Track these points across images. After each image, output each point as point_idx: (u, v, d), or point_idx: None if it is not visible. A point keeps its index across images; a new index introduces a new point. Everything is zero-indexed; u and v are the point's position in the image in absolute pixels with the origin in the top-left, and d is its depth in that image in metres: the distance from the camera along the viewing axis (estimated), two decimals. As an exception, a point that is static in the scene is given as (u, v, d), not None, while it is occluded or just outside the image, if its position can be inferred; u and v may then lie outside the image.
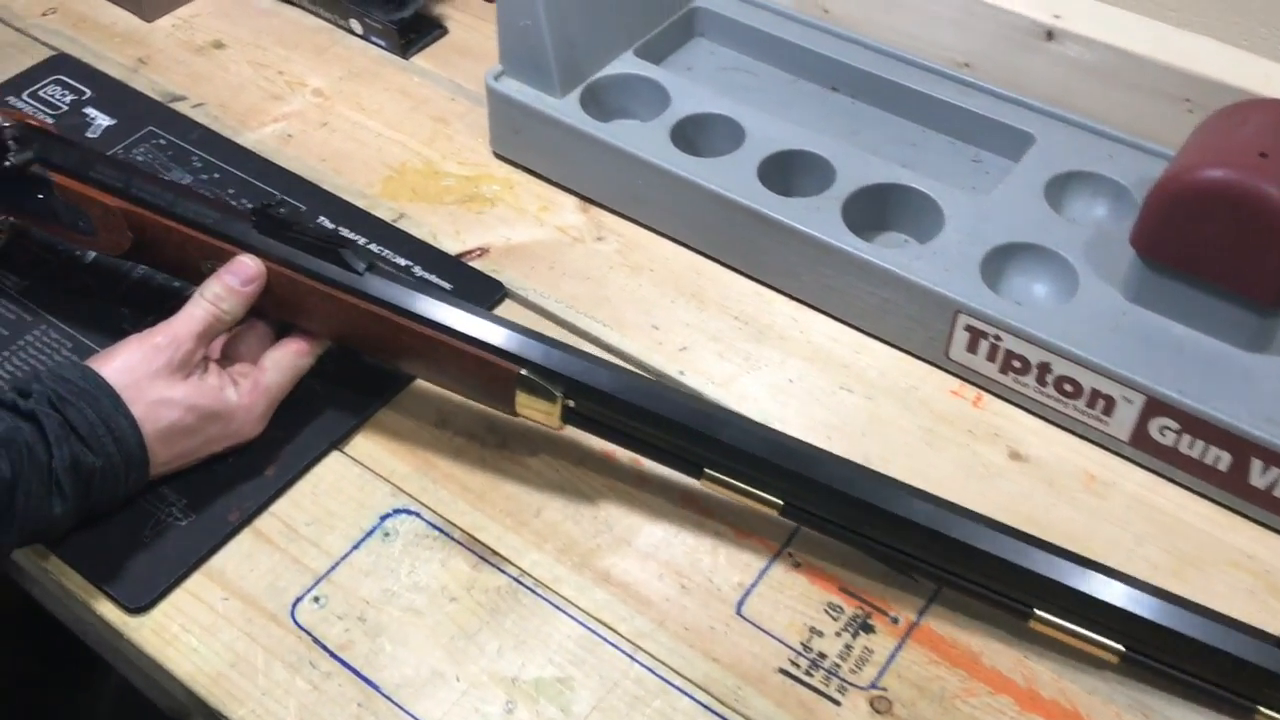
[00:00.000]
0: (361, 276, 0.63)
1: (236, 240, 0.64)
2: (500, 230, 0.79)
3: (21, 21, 0.96)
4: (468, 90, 0.89)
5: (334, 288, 0.63)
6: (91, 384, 0.58)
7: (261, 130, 0.86)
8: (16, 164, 0.66)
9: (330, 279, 0.63)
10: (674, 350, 0.71)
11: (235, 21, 0.95)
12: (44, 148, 0.67)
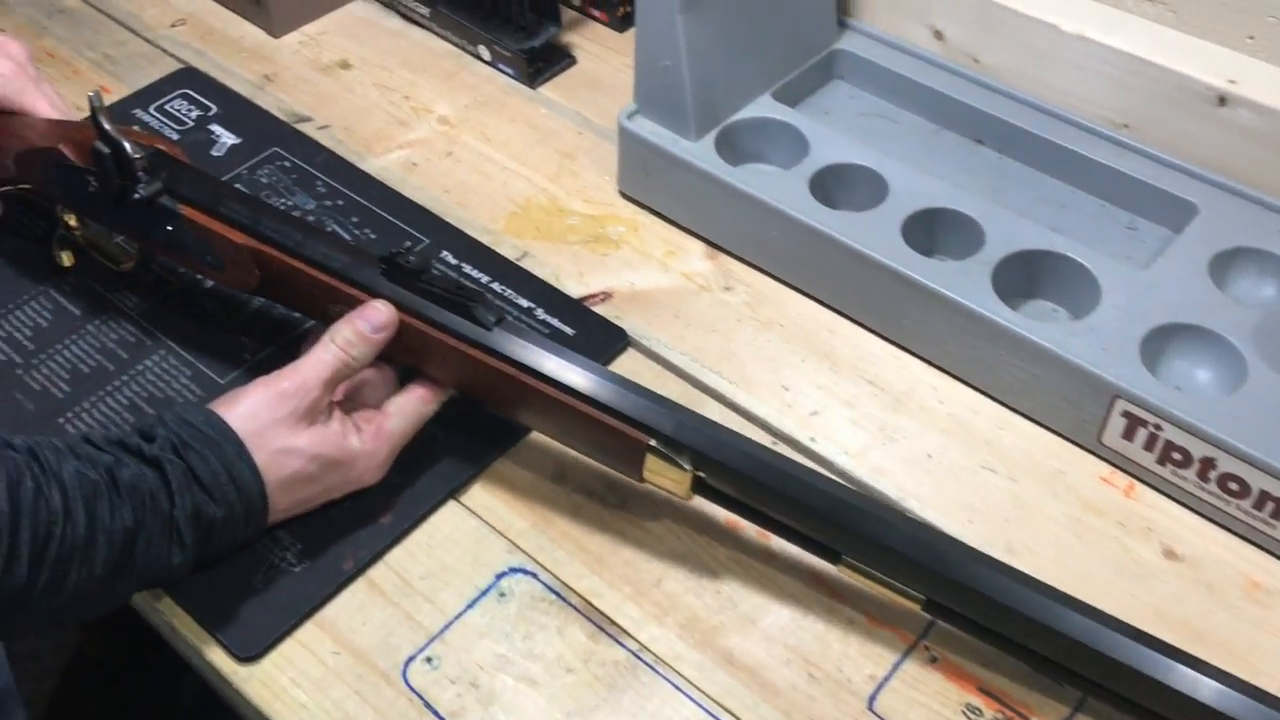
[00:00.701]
0: (490, 332, 0.61)
1: (364, 286, 0.62)
2: (624, 274, 0.76)
3: (151, 33, 0.96)
4: (595, 124, 0.87)
5: (461, 341, 0.61)
6: (216, 430, 0.56)
7: (386, 157, 0.84)
8: (146, 195, 0.65)
9: (458, 332, 0.61)
10: (805, 414, 0.68)
11: (362, 41, 0.94)
12: (173, 178, 0.66)
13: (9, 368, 0.70)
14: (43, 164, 0.69)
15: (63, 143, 0.68)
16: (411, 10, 0.95)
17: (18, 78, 0.71)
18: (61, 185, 0.69)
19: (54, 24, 0.97)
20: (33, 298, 0.74)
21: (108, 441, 0.55)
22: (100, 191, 0.67)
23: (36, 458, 0.52)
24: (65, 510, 0.51)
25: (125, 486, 0.53)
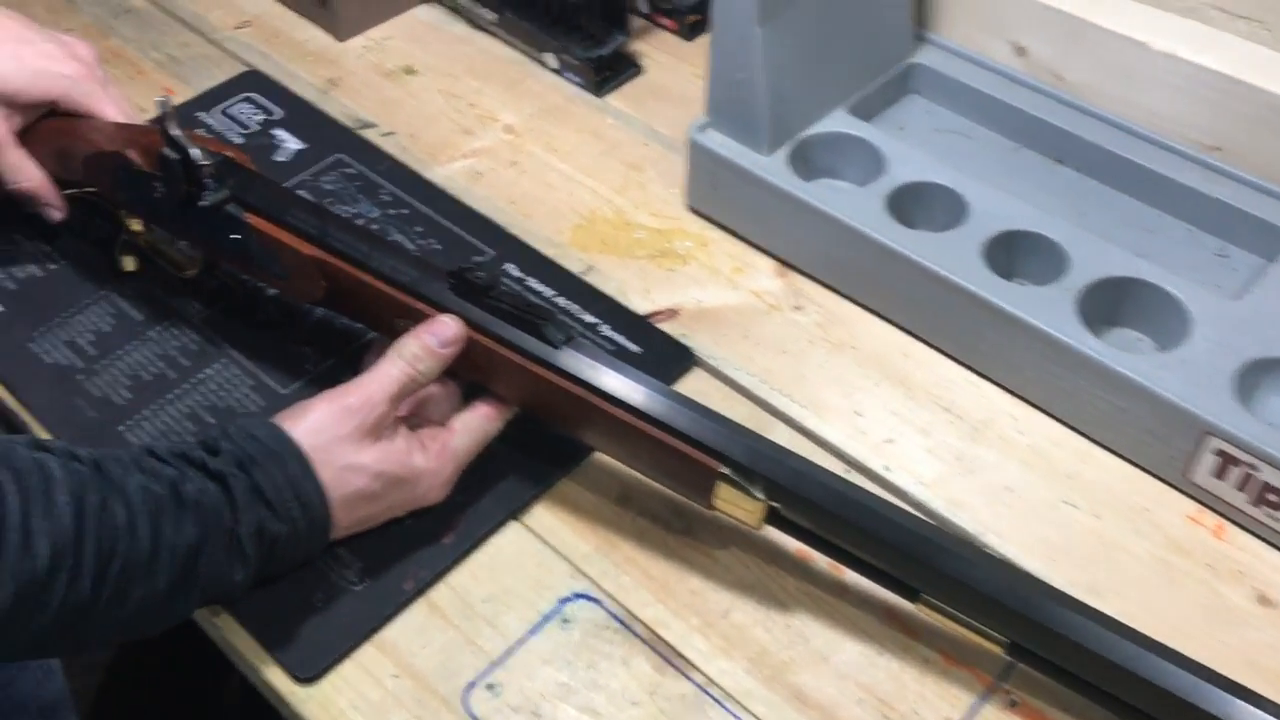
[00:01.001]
0: (558, 350, 0.59)
1: (432, 301, 0.61)
2: (691, 291, 0.74)
3: (216, 34, 0.95)
4: (662, 135, 0.85)
5: (529, 360, 0.59)
6: (281, 446, 0.55)
7: (451, 166, 0.83)
8: (212, 203, 0.64)
9: (526, 350, 0.59)
10: (878, 441, 0.66)
11: (427, 47, 0.93)
12: (241, 185, 0.65)
13: (70, 373, 0.69)
14: (109, 168, 0.68)
15: (130, 147, 0.67)
16: (478, 16, 0.94)
17: (86, 80, 0.71)
18: (128, 190, 0.68)
19: (120, 24, 0.96)
20: (94, 302, 0.73)
21: (172, 454, 0.54)
22: (166, 198, 0.66)
23: (102, 471, 0.51)
24: (130, 525, 0.50)
25: (189, 501, 0.52)
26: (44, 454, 0.50)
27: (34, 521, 0.47)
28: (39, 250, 0.77)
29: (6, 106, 0.69)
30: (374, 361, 0.65)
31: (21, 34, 0.70)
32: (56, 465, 0.49)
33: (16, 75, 0.69)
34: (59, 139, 0.71)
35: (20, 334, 0.72)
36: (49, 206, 0.72)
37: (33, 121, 0.71)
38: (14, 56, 0.69)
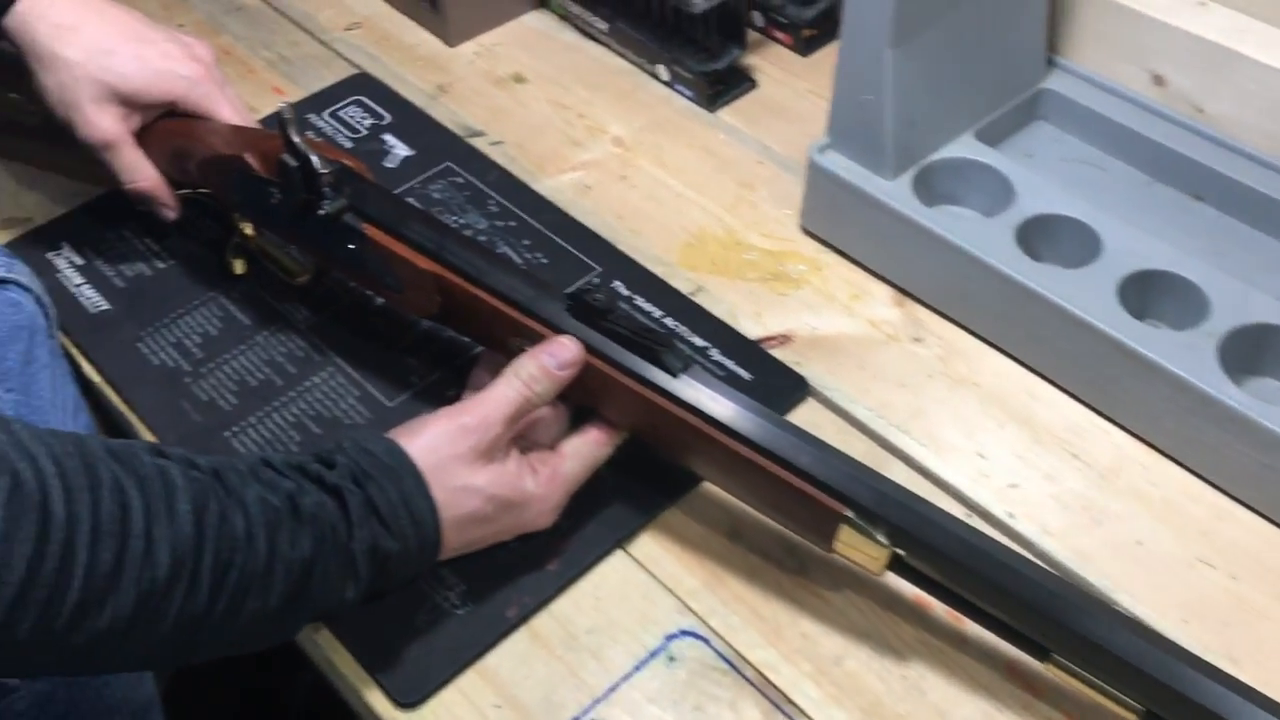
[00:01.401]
0: (676, 378, 0.57)
1: (548, 321, 0.59)
2: (805, 316, 0.72)
3: (326, 35, 0.95)
4: (775, 153, 0.83)
5: (646, 387, 0.57)
6: (397, 461, 0.54)
7: (559, 178, 0.82)
8: (330, 212, 0.63)
9: (643, 377, 0.57)
10: (1002, 486, 0.63)
11: (538, 54, 0.92)
12: (358, 195, 0.64)
13: (177, 375, 0.69)
14: (226, 171, 0.68)
15: (248, 151, 0.67)
16: (589, 25, 0.92)
17: (205, 82, 0.71)
18: (243, 194, 0.68)
19: (232, 21, 0.97)
20: (203, 304, 0.73)
21: (288, 466, 0.53)
22: (283, 204, 0.65)
23: (221, 480, 0.50)
24: (248, 536, 0.49)
25: (306, 515, 0.51)
26: (165, 460, 0.49)
27: (156, 529, 0.47)
28: (149, 248, 0.77)
29: (126, 106, 0.69)
30: (482, 376, 0.65)
31: (143, 33, 0.70)
32: (178, 473, 0.49)
33: (138, 75, 0.68)
34: (175, 139, 0.71)
35: (128, 333, 0.72)
36: (163, 206, 0.72)
37: (150, 121, 0.71)
38: (136, 56, 0.69)
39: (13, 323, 0.68)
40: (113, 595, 0.45)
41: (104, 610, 0.45)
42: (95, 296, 0.74)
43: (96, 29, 0.68)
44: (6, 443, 0.44)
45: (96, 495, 0.45)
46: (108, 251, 0.76)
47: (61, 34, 0.67)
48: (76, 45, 0.67)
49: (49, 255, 0.76)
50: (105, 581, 0.45)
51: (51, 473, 0.44)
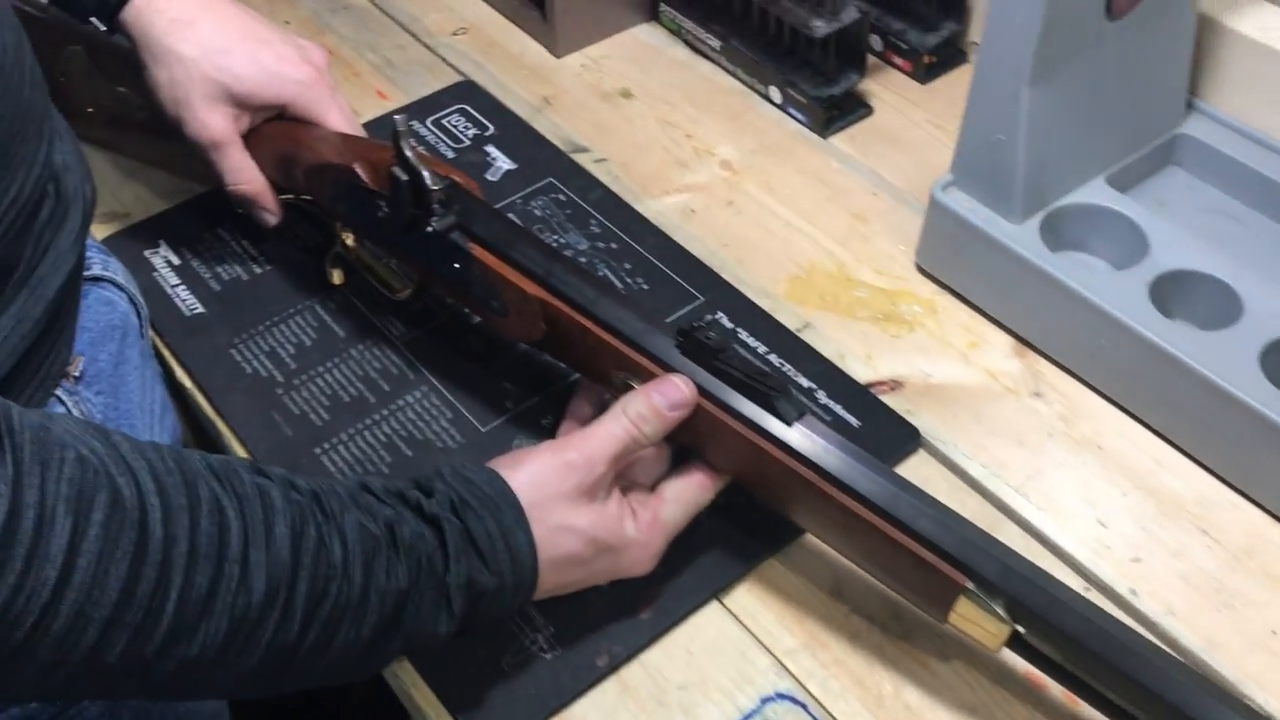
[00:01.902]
0: (790, 427, 0.54)
1: (657, 358, 0.57)
2: (918, 361, 0.69)
3: (432, 39, 0.93)
4: (890, 185, 0.80)
5: (756, 433, 0.55)
6: (498, 493, 0.52)
7: (664, 200, 0.79)
8: (439, 229, 0.61)
9: (753, 423, 0.55)
10: (1124, 559, 0.59)
11: (646, 69, 0.90)
12: (466, 214, 0.62)
13: (270, 386, 0.68)
14: (333, 181, 0.66)
15: (357, 162, 0.65)
16: (700, 41, 0.89)
17: (317, 87, 0.69)
18: (349, 205, 0.66)
19: (337, 21, 0.95)
20: (298, 312, 0.72)
21: (386, 492, 0.51)
22: (390, 218, 0.64)
23: (321, 504, 0.48)
24: (344, 565, 0.47)
25: (404, 545, 0.49)
26: (265, 480, 0.48)
27: (253, 553, 0.45)
28: (246, 251, 0.75)
29: (237, 106, 0.68)
30: (581, 407, 0.62)
31: (259, 33, 0.69)
32: (278, 494, 0.47)
33: (252, 76, 0.67)
34: (283, 144, 0.69)
35: (222, 339, 0.70)
36: (265, 211, 0.71)
37: (259, 123, 0.70)
38: (251, 57, 0.67)
39: (106, 322, 0.67)
40: (205, 621, 0.44)
41: (196, 637, 0.44)
42: (190, 298, 0.73)
43: (213, 26, 0.67)
44: (107, 456, 0.43)
45: (195, 515, 0.44)
46: (205, 252, 0.75)
47: (178, 29, 0.66)
48: (192, 41, 0.66)
49: (146, 253, 0.76)
50: (199, 607, 0.43)
51: (151, 490, 0.43)
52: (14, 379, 0.55)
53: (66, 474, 0.40)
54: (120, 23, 0.67)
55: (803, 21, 0.79)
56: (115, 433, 0.44)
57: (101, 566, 0.41)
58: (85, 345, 0.64)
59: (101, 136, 0.82)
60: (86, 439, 0.42)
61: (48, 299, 0.57)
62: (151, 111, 0.71)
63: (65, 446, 0.41)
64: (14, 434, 0.40)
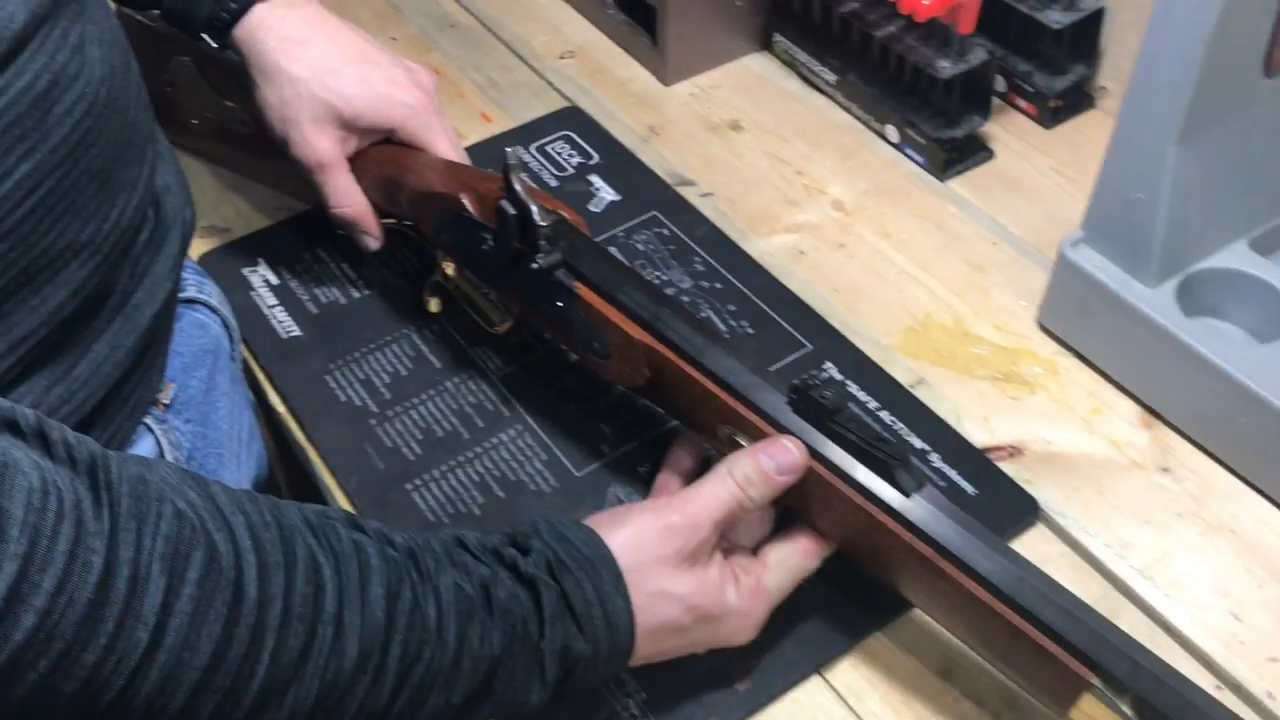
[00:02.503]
0: (909, 499, 0.51)
1: (766, 415, 0.54)
2: (1038, 427, 0.65)
3: (539, 62, 0.92)
4: (1012, 235, 0.76)
5: (871, 503, 0.52)
6: (596, 554, 0.50)
7: (771, 240, 0.76)
8: (544, 266, 0.59)
9: (869, 492, 0.52)
10: (1260, 659, 0.55)
11: (757, 101, 0.87)
12: (572, 251, 0.60)
13: (363, 416, 0.66)
14: (438, 209, 0.65)
15: (464, 192, 0.63)
16: (815, 75, 0.87)
17: (425, 111, 0.68)
18: (453, 234, 0.65)
19: (444, 39, 0.94)
20: (395, 340, 0.70)
21: (482, 548, 0.49)
22: (494, 251, 0.62)
23: (417, 563, 0.46)
24: (438, 628, 0.45)
25: (499, 608, 0.47)
26: (362, 536, 0.46)
27: (348, 615, 0.43)
28: (345, 274, 0.74)
29: (344, 129, 0.67)
30: (681, 458, 0.60)
31: (370, 54, 0.68)
32: (374, 551, 0.45)
33: (360, 98, 0.66)
34: (388, 168, 0.68)
35: (317, 364, 0.69)
36: (366, 235, 0.69)
37: (365, 146, 0.69)
38: (361, 79, 0.66)
39: (198, 346, 0.67)
40: (295, 685, 0.42)
41: (284, 701, 0.42)
42: (287, 320, 0.72)
43: (324, 46, 0.66)
44: (204, 509, 0.41)
45: (291, 574, 0.42)
46: (303, 273, 0.74)
47: (289, 48, 0.65)
48: (303, 61, 0.65)
49: (244, 271, 0.75)
50: (290, 670, 0.42)
51: (248, 546, 0.41)
52: (104, 408, 0.54)
53: (163, 530, 0.39)
54: (232, 40, 0.66)
55: (928, 61, 0.76)
56: (213, 483, 0.43)
57: (194, 628, 0.39)
58: (176, 371, 0.63)
59: (204, 149, 0.82)
60: (184, 490, 0.41)
61: (142, 326, 0.56)
62: (257, 127, 0.70)
63: (163, 500, 0.39)
64: (112, 486, 0.38)
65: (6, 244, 0.46)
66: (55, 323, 0.50)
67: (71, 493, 0.37)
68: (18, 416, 0.38)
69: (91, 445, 0.39)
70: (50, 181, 0.48)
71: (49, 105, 0.47)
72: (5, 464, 0.36)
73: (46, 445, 0.38)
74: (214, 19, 0.65)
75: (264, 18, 0.66)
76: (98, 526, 0.37)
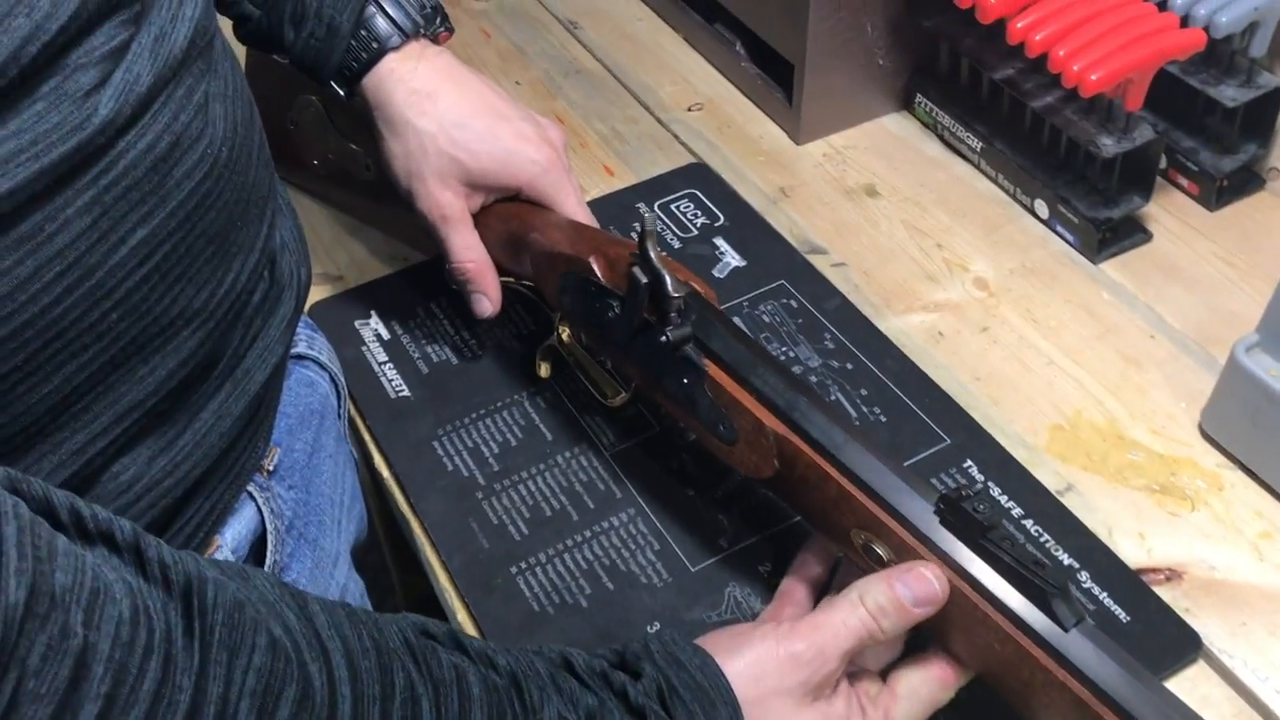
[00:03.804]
0: (1066, 634, 0.46)
1: (910, 525, 0.49)
2: (1200, 549, 0.59)
3: (666, 113, 0.88)
4: (1171, 328, 0.70)
5: (1024, 634, 0.46)
6: (712, 684, 0.45)
7: (908, 318, 0.72)
8: (673, 340, 0.55)
9: (1021, 621, 0.47)
10: None
11: (894, 165, 0.82)
12: (703, 326, 0.56)
13: (470, 488, 0.63)
14: (563, 272, 0.62)
15: (594, 255, 0.60)
16: (959, 140, 0.82)
17: (555, 170, 0.65)
18: (576, 298, 0.61)
19: (569, 85, 0.92)
20: (506, 406, 0.67)
21: (590, 672, 0.46)
22: (619, 319, 0.58)
23: (520, 692, 0.43)
24: None
25: None
26: (464, 660, 0.42)
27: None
28: (458, 333, 0.71)
29: (470, 185, 0.64)
30: (810, 564, 0.55)
31: (499, 108, 0.65)
32: (475, 679, 0.42)
33: (488, 154, 0.63)
34: (513, 224, 0.65)
35: (425, 428, 0.66)
36: (483, 296, 0.66)
37: (489, 202, 0.66)
38: (489, 134, 0.64)
39: (305, 406, 0.64)
40: None
41: None
42: (397, 379, 0.69)
43: (453, 99, 0.64)
44: (301, 634, 0.38)
45: (388, 708, 0.39)
46: (416, 329, 0.72)
47: (418, 101, 0.63)
48: (430, 115, 0.63)
49: (357, 324, 0.73)
50: None
51: (344, 678, 0.38)
52: (207, 478, 0.51)
53: (255, 663, 0.36)
54: (360, 89, 0.64)
55: (1089, 137, 0.71)
56: (312, 600, 0.40)
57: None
58: (282, 434, 0.61)
59: (323, 190, 0.81)
60: (281, 611, 0.38)
61: (251, 393, 0.53)
62: (379, 173, 0.68)
63: (258, 630, 0.36)
64: (206, 614, 0.35)
65: (117, 313, 0.44)
66: (163, 392, 0.48)
67: (163, 620, 0.34)
68: (115, 530, 0.35)
69: (189, 565, 0.36)
70: (166, 247, 0.45)
71: (169, 168, 0.45)
72: (97, 590, 0.33)
73: (142, 563, 0.35)
74: (344, 68, 0.63)
75: (394, 68, 0.63)
76: (187, 662, 0.34)
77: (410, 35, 0.63)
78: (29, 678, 0.31)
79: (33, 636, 0.31)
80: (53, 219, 0.41)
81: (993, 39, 0.76)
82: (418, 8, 0.63)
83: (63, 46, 0.40)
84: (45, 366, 0.43)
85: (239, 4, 0.62)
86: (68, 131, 0.40)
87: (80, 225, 0.42)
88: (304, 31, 0.62)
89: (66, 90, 0.40)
